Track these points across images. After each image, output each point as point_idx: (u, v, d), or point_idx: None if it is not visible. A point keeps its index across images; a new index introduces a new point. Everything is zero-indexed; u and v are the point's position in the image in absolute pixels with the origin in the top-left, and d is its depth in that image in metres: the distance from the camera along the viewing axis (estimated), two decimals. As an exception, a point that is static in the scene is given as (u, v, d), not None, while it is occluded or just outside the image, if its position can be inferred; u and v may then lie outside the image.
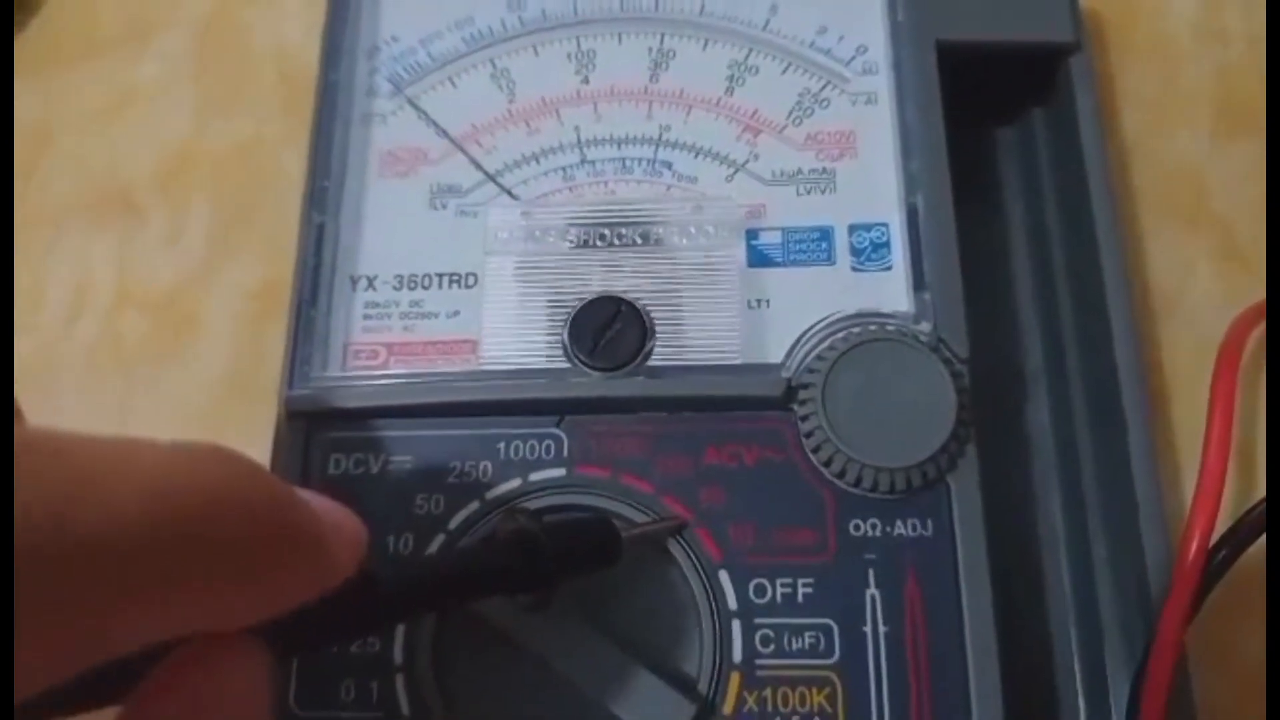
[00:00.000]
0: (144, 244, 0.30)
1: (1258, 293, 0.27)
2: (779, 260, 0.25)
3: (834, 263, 0.25)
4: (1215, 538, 0.22)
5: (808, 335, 0.24)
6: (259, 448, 0.24)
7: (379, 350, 0.24)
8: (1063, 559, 0.26)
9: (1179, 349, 0.28)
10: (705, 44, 0.27)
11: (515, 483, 0.23)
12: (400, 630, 0.22)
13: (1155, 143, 0.30)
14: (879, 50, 0.27)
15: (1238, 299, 0.28)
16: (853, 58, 0.27)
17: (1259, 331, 0.26)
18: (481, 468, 0.23)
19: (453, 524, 0.23)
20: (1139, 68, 0.31)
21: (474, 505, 0.23)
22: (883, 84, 0.26)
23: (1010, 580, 0.25)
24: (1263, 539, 0.21)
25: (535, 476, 0.23)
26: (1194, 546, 0.21)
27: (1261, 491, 0.25)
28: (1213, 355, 0.25)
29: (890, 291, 0.24)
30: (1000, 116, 0.30)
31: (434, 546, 0.22)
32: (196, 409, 0.29)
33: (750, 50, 0.27)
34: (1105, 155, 0.27)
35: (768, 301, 0.25)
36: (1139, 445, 0.24)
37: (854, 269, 0.25)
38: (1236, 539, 0.21)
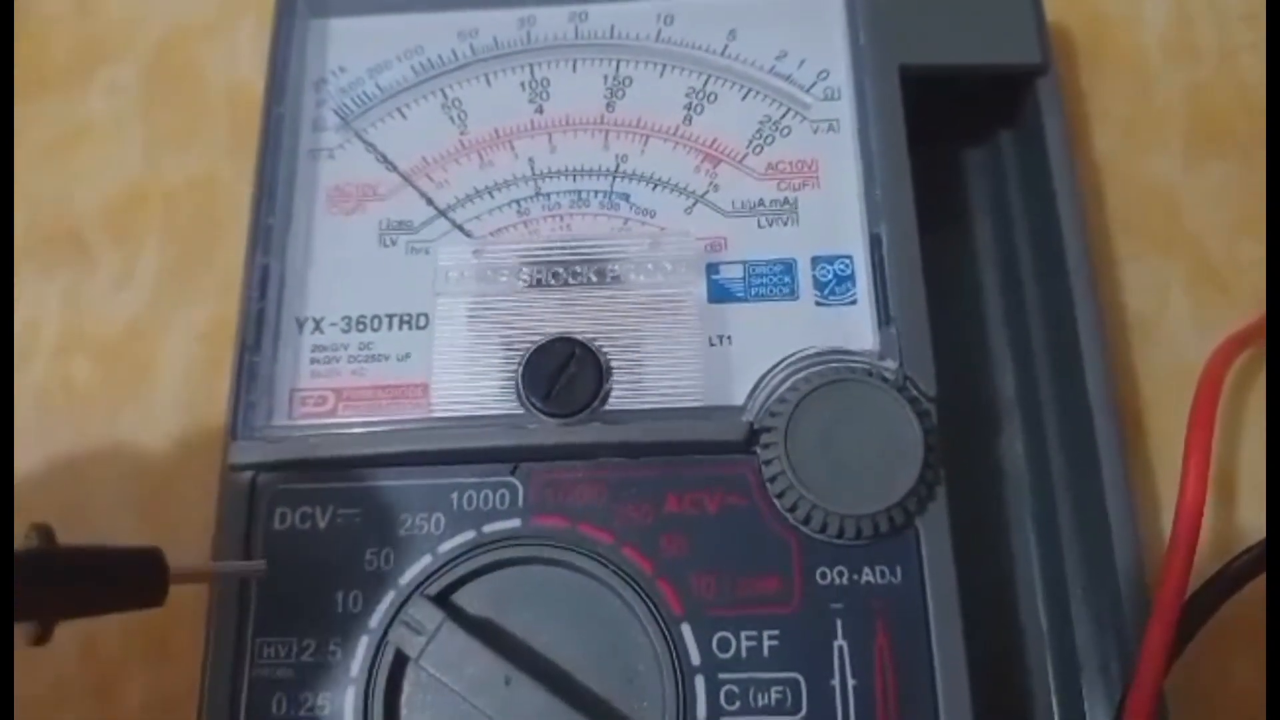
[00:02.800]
0: (95, 284, 0.29)
1: (1233, 315, 0.27)
2: (741, 295, 0.24)
3: (797, 297, 0.24)
4: (1194, 581, 0.21)
5: (770, 375, 0.23)
6: (213, 496, 0.23)
7: (327, 396, 0.23)
8: (1039, 596, 0.25)
9: (1156, 374, 0.27)
10: (662, 71, 0.26)
11: (469, 534, 0.22)
12: (350, 696, 0.21)
13: (1127, 163, 0.30)
14: (841, 76, 0.26)
15: (1214, 322, 0.27)
16: (814, 83, 0.26)
17: (1238, 364, 0.26)
18: (434, 520, 0.22)
19: (404, 579, 0.22)
20: (1110, 86, 0.31)
21: (426, 559, 0.22)
22: (845, 110, 0.26)
23: (985, 619, 0.24)
24: (1242, 591, 0.21)
25: (490, 528, 0.22)
26: (1169, 599, 0.20)
27: (1241, 532, 0.25)
28: (1191, 379, 0.25)
29: (855, 327, 0.24)
30: (969, 138, 0.29)
31: (384, 604, 0.21)
32: (150, 455, 0.28)
33: (709, 77, 0.26)
34: (1074, 179, 0.26)
35: (729, 338, 0.24)
36: (1113, 479, 0.23)
37: (818, 303, 0.24)
38: (1215, 590, 0.21)
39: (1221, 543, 0.25)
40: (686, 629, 0.21)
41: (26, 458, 0.27)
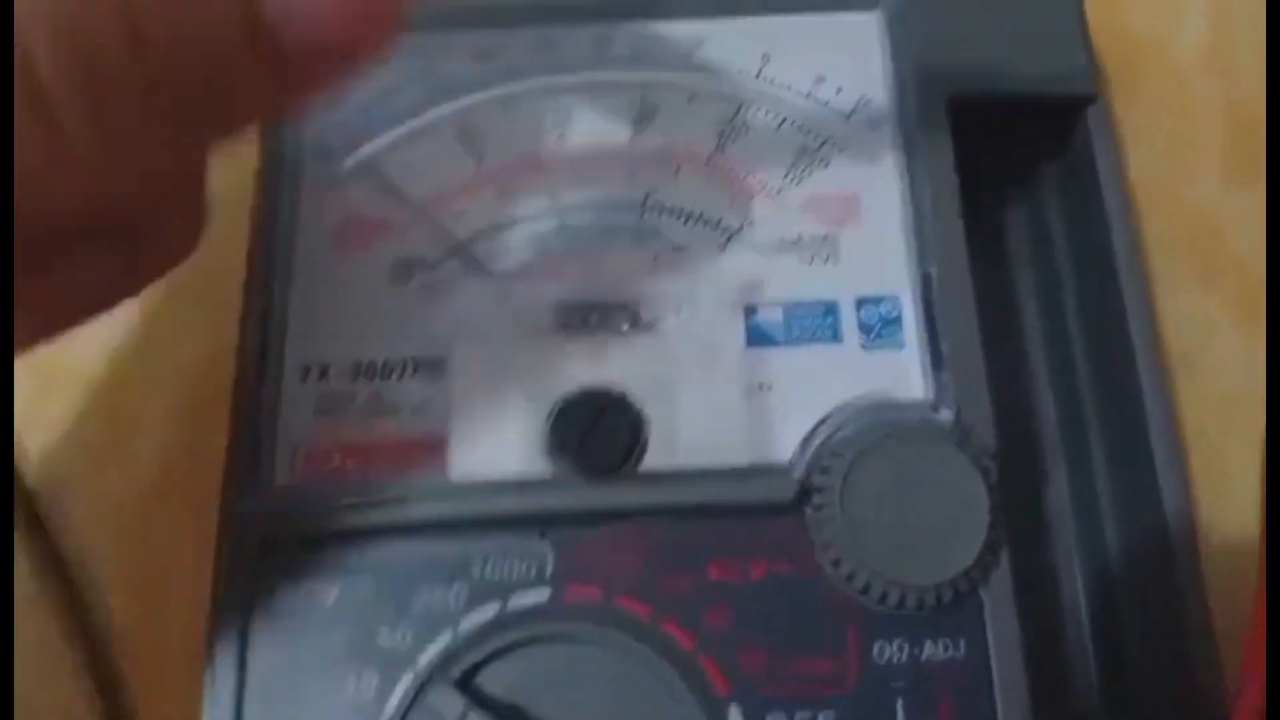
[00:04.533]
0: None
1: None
2: (780, 339, 0.22)
3: (841, 341, 0.22)
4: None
5: (819, 429, 0.21)
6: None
7: (334, 454, 0.21)
8: (1090, 658, 0.24)
9: (1198, 404, 0.26)
10: (692, 97, 0.24)
11: (493, 609, 0.20)
12: None
13: (1166, 187, 0.28)
14: (881, 104, 0.24)
15: (1259, 351, 0.26)
16: (853, 111, 0.24)
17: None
18: (454, 592, 0.20)
19: (422, 660, 0.20)
20: (1146, 109, 0.29)
21: (446, 637, 0.20)
22: (886, 141, 0.24)
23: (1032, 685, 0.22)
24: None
25: (516, 601, 0.20)
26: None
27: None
28: (1234, 410, 0.23)
29: (904, 373, 0.22)
30: (1005, 173, 0.27)
31: (400, 689, 0.20)
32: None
33: (741, 104, 0.24)
34: (1127, 208, 0.25)
35: (770, 385, 0.22)
36: (1179, 525, 0.22)
37: (863, 347, 0.22)
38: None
39: None
40: (734, 711, 0.19)
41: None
